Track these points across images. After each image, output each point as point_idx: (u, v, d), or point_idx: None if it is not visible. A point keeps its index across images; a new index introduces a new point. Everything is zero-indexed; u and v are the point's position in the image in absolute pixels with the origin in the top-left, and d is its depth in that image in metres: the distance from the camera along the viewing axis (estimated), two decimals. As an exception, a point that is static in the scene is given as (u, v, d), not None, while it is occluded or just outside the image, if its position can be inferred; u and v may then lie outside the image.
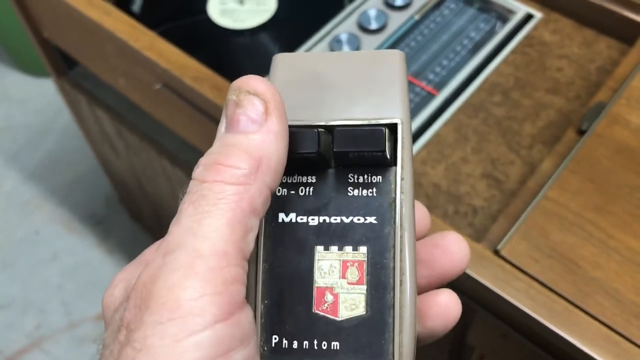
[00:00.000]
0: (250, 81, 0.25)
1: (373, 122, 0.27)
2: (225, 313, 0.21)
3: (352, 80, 0.28)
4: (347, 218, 0.26)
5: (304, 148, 0.26)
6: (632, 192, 0.52)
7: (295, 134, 0.26)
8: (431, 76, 0.69)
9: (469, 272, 0.50)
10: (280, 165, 0.24)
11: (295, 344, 0.25)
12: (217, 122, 0.68)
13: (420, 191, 0.61)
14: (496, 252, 0.51)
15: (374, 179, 0.27)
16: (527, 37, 0.71)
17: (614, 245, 0.50)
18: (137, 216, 1.32)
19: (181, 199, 0.23)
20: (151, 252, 0.26)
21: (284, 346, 0.25)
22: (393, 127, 0.27)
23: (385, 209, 0.26)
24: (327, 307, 0.26)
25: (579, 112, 0.62)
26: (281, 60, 0.30)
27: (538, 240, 0.51)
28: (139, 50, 0.65)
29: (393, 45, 0.72)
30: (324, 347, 0.25)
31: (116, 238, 1.36)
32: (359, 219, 0.26)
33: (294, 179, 0.27)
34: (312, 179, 0.27)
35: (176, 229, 0.22)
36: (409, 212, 0.26)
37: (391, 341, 0.25)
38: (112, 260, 1.31)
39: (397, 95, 0.28)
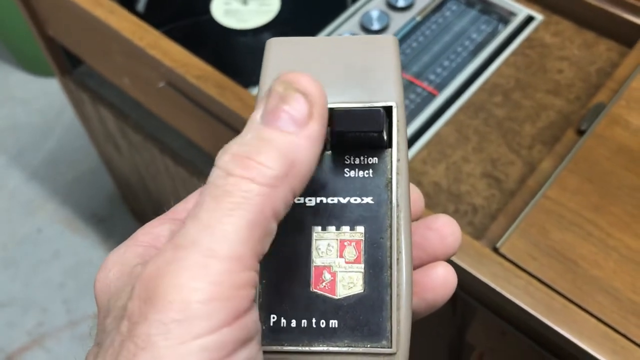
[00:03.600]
0: (302, 79, 0.24)
1: (368, 105, 0.27)
2: (232, 318, 0.20)
3: (346, 65, 0.29)
4: (344, 199, 0.27)
5: None
6: (631, 193, 0.53)
7: None
8: (432, 77, 0.70)
9: (469, 269, 0.50)
10: (309, 173, 0.23)
11: (293, 323, 0.26)
12: (220, 121, 0.68)
13: (421, 190, 0.61)
14: (495, 250, 0.51)
15: (370, 160, 0.27)
16: (528, 39, 0.72)
17: (613, 245, 0.51)
18: (139, 215, 1.32)
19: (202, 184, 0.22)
20: (142, 234, 0.26)
21: (282, 325, 0.26)
22: (388, 110, 0.27)
23: (381, 189, 0.27)
24: (325, 286, 0.26)
25: (579, 113, 0.63)
26: (275, 45, 0.30)
27: (537, 239, 0.51)
28: (144, 48, 0.65)
29: (395, 46, 0.72)
30: (322, 325, 0.25)
31: (118, 237, 1.37)
32: (355, 200, 0.27)
33: None
34: None
35: (193, 223, 0.21)
36: (404, 192, 0.27)
37: (389, 318, 0.25)
38: (114, 259, 1.31)
39: (392, 79, 0.28)
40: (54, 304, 1.32)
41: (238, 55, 0.81)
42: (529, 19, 0.73)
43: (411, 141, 0.64)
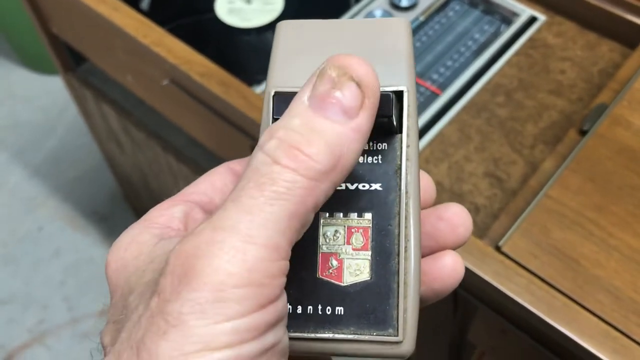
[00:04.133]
0: (359, 67, 0.23)
1: (382, 90, 0.27)
2: (264, 304, 0.20)
3: (357, 48, 0.28)
4: (352, 185, 0.27)
5: None
6: (633, 192, 0.53)
7: None
8: (435, 76, 0.70)
9: (471, 267, 0.51)
10: (353, 166, 0.23)
11: (299, 309, 0.25)
12: (223, 118, 0.69)
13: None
14: (497, 249, 0.52)
15: (380, 146, 0.27)
16: (531, 40, 0.72)
17: (614, 244, 0.51)
18: (141, 213, 1.32)
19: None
20: (156, 215, 0.26)
21: (288, 311, 0.25)
22: (399, 95, 0.27)
23: (390, 176, 0.26)
24: (331, 273, 0.26)
25: (581, 114, 0.63)
26: (285, 27, 0.29)
27: (539, 238, 0.51)
28: (148, 45, 0.65)
29: (398, 46, 0.72)
30: (328, 312, 0.25)
31: (119, 235, 1.37)
32: (364, 186, 0.26)
33: None
34: None
35: (233, 207, 0.21)
36: (414, 179, 0.26)
37: (395, 307, 0.25)
38: (115, 257, 1.31)
39: (403, 63, 0.27)
40: (55, 301, 1.32)
41: (241, 54, 0.81)
42: (532, 20, 0.73)
43: (414, 140, 0.65)
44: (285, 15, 0.81)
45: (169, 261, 0.21)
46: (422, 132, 0.66)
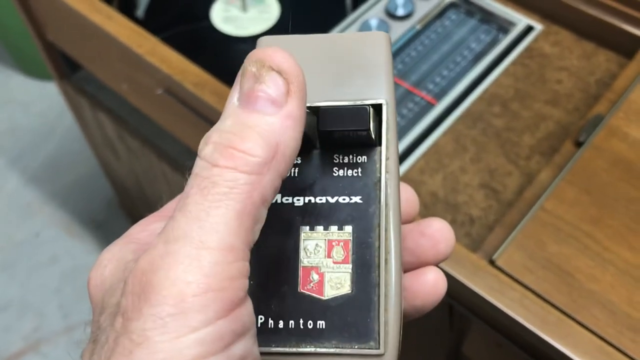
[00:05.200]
0: (275, 56, 0.22)
1: (358, 102, 0.27)
2: (227, 309, 0.20)
3: (337, 62, 0.28)
4: (333, 198, 0.27)
5: None
6: (629, 205, 0.53)
7: None
8: (431, 86, 0.69)
9: (464, 281, 0.50)
10: (295, 153, 0.23)
11: (281, 324, 0.25)
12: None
13: (418, 200, 0.61)
14: (492, 262, 0.51)
15: (359, 159, 0.27)
16: (527, 49, 0.72)
17: (610, 258, 0.50)
18: (136, 221, 1.32)
19: (187, 178, 0.22)
20: (138, 231, 0.26)
21: (269, 326, 0.25)
22: (378, 108, 0.27)
23: (370, 188, 0.26)
24: (312, 287, 0.26)
25: (578, 124, 0.62)
26: (265, 43, 0.29)
27: (533, 251, 0.51)
28: (142, 55, 0.65)
29: (395, 54, 0.72)
30: (310, 326, 0.25)
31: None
32: (344, 199, 0.26)
33: None
34: (297, 159, 0.27)
35: (182, 216, 0.21)
36: (394, 191, 0.26)
37: (376, 319, 0.25)
38: (111, 264, 1.31)
39: (382, 76, 0.28)
40: (50, 309, 1.31)
41: (236, 63, 0.81)
42: (529, 29, 0.73)
43: (409, 150, 0.64)
44: (281, 23, 0.81)
45: (127, 281, 0.21)
46: (417, 142, 0.65)
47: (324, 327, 0.25)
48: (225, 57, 0.82)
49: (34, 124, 1.59)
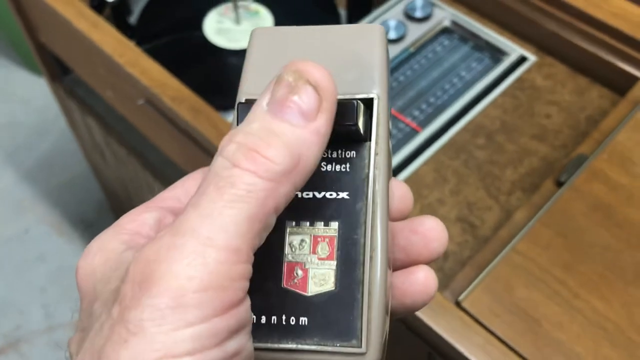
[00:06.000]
0: (314, 70, 0.23)
1: (349, 96, 0.26)
2: (226, 308, 0.20)
3: (330, 55, 0.28)
4: (320, 193, 0.26)
5: None
6: (604, 252, 0.51)
7: None
8: (417, 112, 0.68)
9: (428, 321, 0.48)
10: (314, 168, 0.23)
11: (263, 319, 0.25)
12: (196, 143, 0.67)
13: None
14: (457, 303, 0.49)
15: (348, 154, 0.26)
16: (519, 80, 0.70)
17: (579, 306, 0.49)
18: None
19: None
20: (127, 221, 0.25)
21: (252, 321, 0.25)
22: (369, 102, 0.26)
23: (358, 184, 0.26)
24: (296, 283, 0.25)
25: (563, 162, 0.61)
26: (259, 35, 0.29)
27: (501, 295, 0.49)
28: (122, 65, 0.64)
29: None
30: (293, 323, 0.25)
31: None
32: (331, 195, 0.26)
33: None
34: None
35: (193, 211, 0.21)
36: (382, 188, 0.26)
37: (359, 317, 0.24)
38: (99, 266, 1.30)
39: (376, 70, 0.27)
40: (34, 308, 1.30)
41: (225, 75, 0.80)
42: (522, 59, 0.72)
43: (387, 178, 0.63)
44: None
45: (129, 268, 0.21)
46: (397, 170, 0.64)
47: (306, 323, 0.25)
48: (214, 69, 0.81)
49: (33, 120, 1.59)
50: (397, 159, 0.64)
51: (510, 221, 0.55)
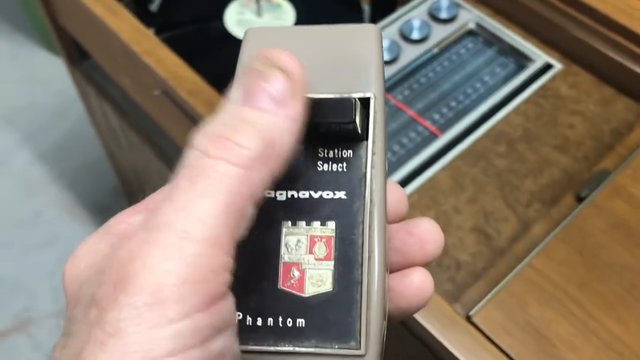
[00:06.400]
0: (282, 56, 0.23)
1: (345, 95, 0.26)
2: (207, 303, 0.19)
3: (325, 55, 0.28)
4: (316, 193, 0.26)
5: None
6: (622, 272, 0.49)
7: None
8: (437, 116, 0.66)
9: (437, 335, 0.47)
10: (288, 154, 0.22)
11: (259, 321, 0.25)
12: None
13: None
14: (468, 318, 0.48)
15: (345, 153, 0.26)
16: (543, 88, 0.68)
17: (594, 327, 0.47)
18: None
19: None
20: (116, 222, 0.25)
21: (247, 323, 0.25)
22: (366, 102, 0.26)
23: (355, 184, 0.26)
24: (293, 283, 0.25)
25: (585, 175, 0.59)
26: (253, 35, 0.29)
27: (514, 311, 0.48)
28: (138, 54, 0.63)
29: (403, 79, 0.69)
30: (289, 325, 0.24)
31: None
32: (328, 194, 0.26)
33: None
34: None
35: (167, 205, 0.20)
36: (379, 187, 0.25)
37: (358, 319, 0.24)
38: (110, 251, 1.30)
39: (372, 70, 0.27)
40: (43, 290, 1.31)
41: (243, 69, 0.79)
42: (547, 67, 0.70)
43: (403, 183, 0.61)
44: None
45: (104, 270, 0.20)
46: (413, 175, 0.62)
47: (303, 325, 0.24)
48: (232, 60, 0.79)
49: (52, 102, 1.59)
50: (413, 164, 0.62)
51: (527, 235, 0.54)
